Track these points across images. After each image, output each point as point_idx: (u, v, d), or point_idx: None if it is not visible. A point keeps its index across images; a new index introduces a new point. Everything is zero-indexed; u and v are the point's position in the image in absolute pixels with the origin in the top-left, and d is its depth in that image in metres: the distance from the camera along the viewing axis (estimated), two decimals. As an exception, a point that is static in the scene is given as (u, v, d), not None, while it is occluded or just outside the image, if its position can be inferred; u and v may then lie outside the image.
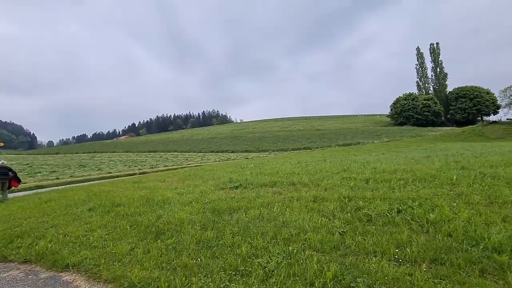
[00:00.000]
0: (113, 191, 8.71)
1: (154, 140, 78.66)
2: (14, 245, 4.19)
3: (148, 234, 4.30)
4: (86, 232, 4.58)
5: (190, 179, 10.29)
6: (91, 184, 12.54)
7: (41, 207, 6.88)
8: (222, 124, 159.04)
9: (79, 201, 7.13)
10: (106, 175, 20.21)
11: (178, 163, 32.87)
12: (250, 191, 6.71)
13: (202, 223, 4.53)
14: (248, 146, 52.59)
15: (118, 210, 5.84)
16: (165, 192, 7.44)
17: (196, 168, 17.19)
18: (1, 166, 9.02)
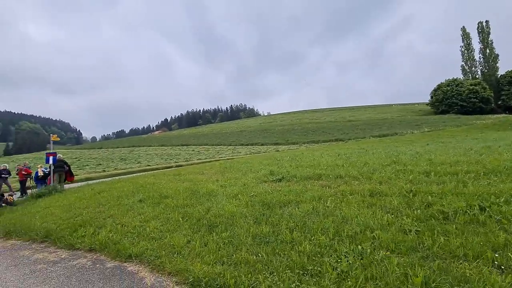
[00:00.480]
0: (157, 183, 8.99)
1: (186, 135, 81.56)
2: (79, 234, 4.41)
3: (201, 226, 4.26)
4: (141, 223, 4.69)
5: (228, 171, 10.29)
6: (134, 176, 13.20)
7: (95, 198, 7.30)
8: (249, 117, 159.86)
9: (128, 192, 7.44)
10: (145, 168, 21.30)
11: (210, 156, 33.66)
12: (295, 184, 6.44)
13: (254, 217, 4.37)
14: (278, 138, 52.13)
15: (167, 202, 5.94)
16: (207, 185, 7.46)
17: (230, 161, 17.31)
18: (58, 160, 9.80)
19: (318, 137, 50.38)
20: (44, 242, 4.45)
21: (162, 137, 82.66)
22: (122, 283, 2.92)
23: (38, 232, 4.71)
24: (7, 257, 3.89)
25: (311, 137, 51.73)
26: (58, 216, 5.61)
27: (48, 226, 4.95)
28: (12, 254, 4.00)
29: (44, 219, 5.48)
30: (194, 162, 25.00)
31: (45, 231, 4.65)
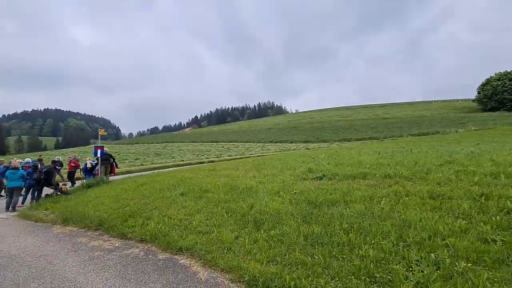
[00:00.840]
0: (194, 177, 9.15)
1: (215, 131, 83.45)
2: (129, 224, 4.55)
3: (247, 223, 4.15)
4: (186, 216, 4.71)
5: (263, 168, 10.17)
6: (171, 171, 13.66)
7: (139, 190, 7.60)
8: (277, 114, 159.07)
9: (169, 186, 7.63)
10: (179, 163, 22.07)
11: (240, 152, 33.97)
12: (339, 183, 6.09)
13: (302, 216, 4.16)
14: (308, 136, 51.06)
15: (208, 196, 5.96)
16: (245, 181, 7.39)
17: (262, 158, 17.21)
18: (105, 153, 10.44)
19: (349, 135, 48.46)
20: (98, 230, 4.67)
21: (193, 134, 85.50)
22: (176, 276, 2.90)
23: (92, 220, 4.96)
24: (67, 243, 4.12)
25: (342, 135, 49.92)
26: (108, 206, 5.90)
27: (101, 215, 5.20)
28: (71, 240, 4.24)
29: (96, 208, 5.79)
30: (225, 158, 25.36)
31: (98, 219, 4.89)
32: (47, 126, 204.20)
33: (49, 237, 4.49)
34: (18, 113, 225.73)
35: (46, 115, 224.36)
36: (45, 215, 5.97)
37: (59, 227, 5.14)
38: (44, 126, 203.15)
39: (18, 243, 4.23)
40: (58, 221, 5.46)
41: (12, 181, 7.51)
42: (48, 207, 6.48)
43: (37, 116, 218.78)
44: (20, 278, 2.99)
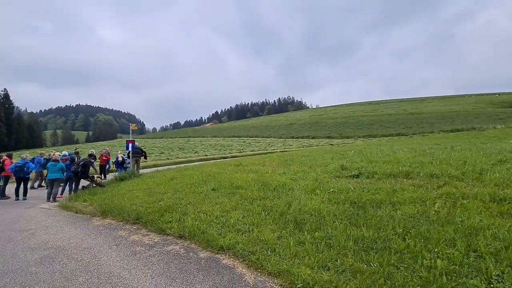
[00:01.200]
0: (222, 172, 9.10)
1: (236, 127, 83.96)
2: (166, 219, 4.52)
3: (287, 222, 3.95)
4: (222, 213, 4.60)
5: (290, 164, 9.90)
6: (197, 165, 13.77)
7: (170, 184, 7.66)
8: (297, 110, 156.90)
9: (199, 180, 7.62)
10: (203, 157, 22.36)
11: (262, 148, 33.83)
12: (379, 182, 5.69)
13: (346, 217, 3.88)
14: (330, 132, 49.80)
15: (240, 192, 5.83)
16: (276, 177, 7.19)
17: (286, 153, 16.89)
18: (136, 147, 10.71)
19: (375, 131, 46.59)
20: (135, 224, 4.70)
21: (214, 129, 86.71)
22: (222, 277, 2.76)
23: (129, 213, 5.02)
24: (108, 236, 4.16)
25: (367, 131, 48.11)
26: (143, 199, 5.96)
27: (137, 208, 5.25)
28: (111, 233, 4.28)
29: (132, 201, 5.88)
30: (248, 153, 25.34)
31: (135, 213, 4.92)
32: (79, 120, 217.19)
33: (90, 229, 4.58)
34: (53, 109, 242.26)
35: (78, 110, 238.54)
36: (84, 206, 6.17)
37: (98, 219, 5.26)
38: (76, 121, 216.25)
39: (62, 234, 4.35)
40: (97, 213, 5.60)
41: (53, 173, 7.88)
42: (87, 199, 6.71)
43: (70, 112, 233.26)
44: (68, 271, 3.01)
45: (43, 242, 3.99)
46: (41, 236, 4.32)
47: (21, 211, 6.35)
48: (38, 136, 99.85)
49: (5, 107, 79.68)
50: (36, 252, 3.59)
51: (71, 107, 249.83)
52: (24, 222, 5.31)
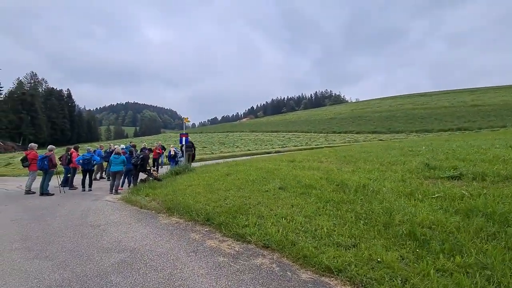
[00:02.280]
0: (279, 169, 8.40)
1: (274, 121, 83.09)
2: (240, 222, 3.94)
3: (400, 237, 3.07)
4: (305, 218, 3.87)
5: (354, 161, 8.82)
6: (245, 160, 13.31)
7: (228, 180, 7.19)
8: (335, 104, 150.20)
9: (259, 177, 7.01)
10: (247, 152, 22.04)
11: (303, 143, 32.57)
12: (498, 186, 4.44)
13: (492, 236, 2.85)
14: (376, 126, 46.21)
15: (315, 193, 5.05)
16: (346, 176, 6.25)
17: (338, 149, 15.58)
18: (189, 141, 10.57)
19: (430, 125, 42.01)
20: (206, 225, 4.22)
21: (251, 124, 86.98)
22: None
23: (198, 213, 4.57)
24: (181, 239, 3.72)
25: (419, 125, 43.61)
26: (206, 197, 5.53)
27: (203, 207, 4.80)
28: (183, 235, 3.84)
29: (195, 198, 5.48)
30: (291, 148, 24.41)
31: (205, 213, 4.46)
32: (128, 117, 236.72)
33: (159, 229, 4.22)
34: (106, 106, 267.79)
35: (127, 107, 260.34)
36: (147, 201, 5.97)
37: (164, 216, 4.93)
38: (125, 117, 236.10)
39: (133, 233, 4.04)
40: (162, 209, 5.30)
41: (115, 166, 7.96)
42: (149, 193, 6.54)
43: (120, 109, 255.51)
44: (151, 285, 2.54)
45: (116, 242, 3.68)
46: (112, 233, 4.06)
47: (89, 203, 6.40)
48: (95, 131, 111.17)
49: (69, 106, 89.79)
50: (111, 255, 3.25)
51: (121, 104, 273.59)
52: (93, 215, 5.21)
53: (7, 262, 3.12)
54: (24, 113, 66.16)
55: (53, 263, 3.06)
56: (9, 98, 66.61)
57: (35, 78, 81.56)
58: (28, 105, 68.10)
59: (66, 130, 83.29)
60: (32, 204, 6.50)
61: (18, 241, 3.82)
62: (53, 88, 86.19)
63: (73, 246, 3.57)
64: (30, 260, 3.16)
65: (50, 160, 7.69)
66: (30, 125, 67.09)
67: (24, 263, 3.09)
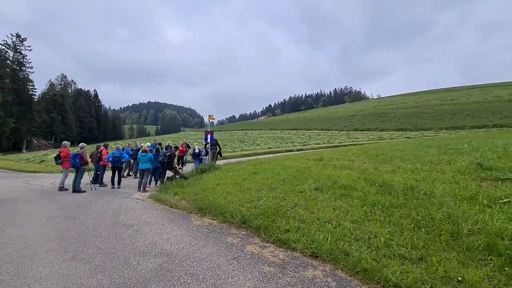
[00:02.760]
0: (308, 167, 8.01)
1: (292, 119, 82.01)
2: (281, 226, 3.62)
3: (477, 251, 2.61)
4: (353, 224, 3.48)
5: (389, 160, 8.23)
6: (269, 158, 12.99)
7: (257, 179, 6.90)
8: (356, 101, 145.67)
9: (290, 177, 6.66)
10: (268, 150, 21.72)
11: (324, 140, 31.69)
12: None
13: None
14: (402, 123, 44.03)
15: (357, 195, 4.63)
16: (387, 176, 5.74)
17: (366, 146, 14.82)
18: (214, 139, 10.42)
19: (461, 121, 39.39)
20: (242, 228, 3.96)
21: (270, 122, 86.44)
22: None
23: (232, 214, 4.32)
24: (218, 243, 3.47)
25: (450, 121, 41.02)
26: (238, 197, 5.27)
27: (237, 208, 4.54)
28: (220, 239, 3.59)
29: (226, 198, 5.25)
30: (313, 146, 23.75)
31: (240, 215, 4.19)
32: (150, 116, 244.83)
33: (193, 231, 4.01)
34: (129, 106, 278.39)
35: (148, 106, 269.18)
36: (177, 200, 5.82)
37: (196, 217, 4.73)
38: (147, 116, 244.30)
39: (167, 235, 3.86)
40: (193, 209, 5.12)
41: (143, 163, 7.95)
42: (178, 192, 6.41)
43: (142, 108, 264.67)
44: (195, 297, 2.29)
45: (152, 244, 3.51)
46: (146, 234, 3.91)
47: (119, 201, 6.38)
48: (119, 129, 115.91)
49: (95, 105, 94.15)
50: (148, 259, 3.07)
51: (143, 104, 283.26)
52: (124, 214, 5.14)
53: (45, 264, 3.03)
54: (55, 113, 70.19)
55: (90, 267, 2.92)
56: (42, 99, 70.94)
57: (65, 80, 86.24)
58: (59, 106, 72.15)
59: (93, 129, 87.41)
60: (66, 201, 6.60)
61: (54, 240, 3.77)
62: (81, 89, 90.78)
63: (108, 248, 3.44)
64: (67, 262, 3.05)
65: (82, 157, 7.83)
66: (61, 124, 71.10)
67: (62, 265, 2.98)
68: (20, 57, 59.48)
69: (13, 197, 7.30)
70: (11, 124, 52.66)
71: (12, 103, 54.49)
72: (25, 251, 3.41)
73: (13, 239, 3.90)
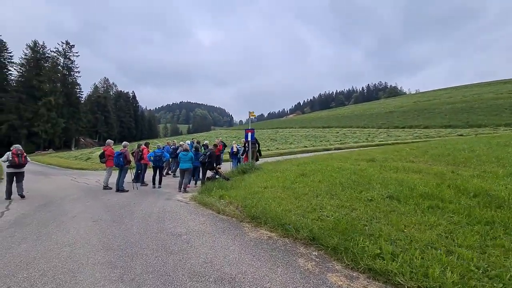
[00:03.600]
0: (362, 169, 7.02)
1: (324, 117, 79.20)
2: (368, 250, 2.81)
3: None
4: (472, 252, 2.58)
5: (460, 162, 6.96)
6: (313, 158, 12.04)
7: (308, 183, 6.11)
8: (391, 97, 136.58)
9: (347, 181, 5.77)
10: (304, 149, 20.72)
11: (362, 139, 29.69)
12: None
13: None
14: (450, 120, 39.89)
15: (452, 208, 3.65)
16: (478, 182, 4.62)
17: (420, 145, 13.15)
18: (254, 137, 9.83)
19: (525, 117, 34.46)
20: (311, 246, 3.23)
21: (300, 120, 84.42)
22: None
23: (296, 227, 3.61)
24: (289, 268, 2.78)
25: (509, 117, 36.10)
26: (293, 204, 4.57)
27: (299, 219, 3.83)
28: (290, 263, 2.90)
29: (281, 205, 4.57)
30: (352, 145, 22.21)
31: (307, 229, 3.47)
32: (182, 115, 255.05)
33: (252, 246, 3.38)
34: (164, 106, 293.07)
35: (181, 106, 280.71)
36: (224, 205, 5.28)
37: (250, 227, 4.11)
38: (180, 116, 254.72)
39: (222, 250, 3.27)
40: (244, 217, 4.52)
41: (184, 163, 7.61)
42: (223, 195, 5.87)
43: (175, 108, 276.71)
44: None
45: (207, 263, 2.94)
46: (198, 248, 3.36)
47: (163, 203, 6.04)
48: (154, 129, 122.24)
49: (134, 106, 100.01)
50: (207, 285, 2.48)
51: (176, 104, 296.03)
52: (170, 220, 4.70)
53: (89, 284, 2.60)
54: (99, 114, 75.75)
55: (141, 292, 2.41)
56: (87, 101, 77.02)
57: (107, 83, 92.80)
58: (102, 107, 77.75)
59: (132, 128, 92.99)
60: (111, 201, 6.44)
61: (100, 251, 3.38)
62: (121, 91, 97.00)
63: (158, 265, 2.94)
64: (114, 284, 2.58)
65: (125, 156, 7.71)
66: (104, 124, 76.60)
67: (109, 287, 2.52)
68: (69, 62, 64.99)
69: (61, 195, 7.39)
70: (62, 124, 57.77)
71: (62, 105, 59.73)
72: (70, 264, 3.04)
73: (59, 246, 3.60)
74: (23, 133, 52.62)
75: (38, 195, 7.43)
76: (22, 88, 55.03)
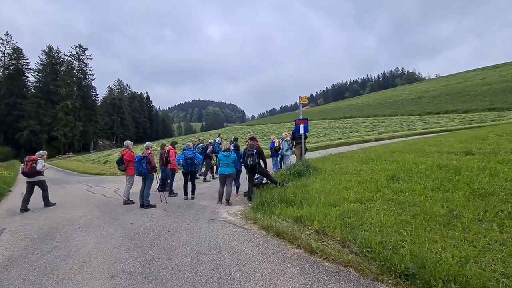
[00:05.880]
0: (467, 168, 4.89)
1: (343, 107, 75.63)
2: None
3: None
4: None
5: None
6: (375, 153, 9.91)
7: (414, 190, 4.10)
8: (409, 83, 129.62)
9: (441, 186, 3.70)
10: (339, 142, 18.47)
11: (397, 127, 26.92)
12: None
13: None
14: (492, 102, 35.97)
15: None
16: None
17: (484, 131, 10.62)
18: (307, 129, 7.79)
19: None
20: None
21: (318, 111, 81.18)
22: None
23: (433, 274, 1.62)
24: None
25: None
26: (418, 234, 2.56)
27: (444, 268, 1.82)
28: None
29: (430, 241, 2.58)
30: (394, 135, 19.69)
31: None
32: (194, 113, 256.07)
33: None
34: (177, 105, 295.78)
35: (193, 104, 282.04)
36: (312, 237, 3.32)
37: (367, 282, 2.15)
38: (192, 114, 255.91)
39: None
40: (352, 260, 2.57)
41: (225, 166, 5.75)
42: (302, 215, 3.89)
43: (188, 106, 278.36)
44: None
45: None
46: None
47: (209, 229, 4.18)
48: (169, 128, 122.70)
49: (148, 106, 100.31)
50: None
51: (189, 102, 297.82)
52: (238, 274, 2.81)
53: None
54: (115, 115, 76.05)
55: None
56: (103, 103, 77.48)
57: (121, 85, 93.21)
58: (117, 108, 78.03)
59: (147, 128, 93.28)
60: (135, 226, 4.65)
61: None
62: (135, 92, 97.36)
63: None
64: None
65: (149, 161, 5.91)
66: (120, 125, 76.92)
67: None
68: (83, 65, 65.15)
69: (71, 216, 5.70)
70: (80, 127, 58.07)
71: (79, 108, 60.01)
72: None
73: None
74: (44, 138, 53.23)
75: (42, 217, 5.80)
76: (40, 93, 55.58)
